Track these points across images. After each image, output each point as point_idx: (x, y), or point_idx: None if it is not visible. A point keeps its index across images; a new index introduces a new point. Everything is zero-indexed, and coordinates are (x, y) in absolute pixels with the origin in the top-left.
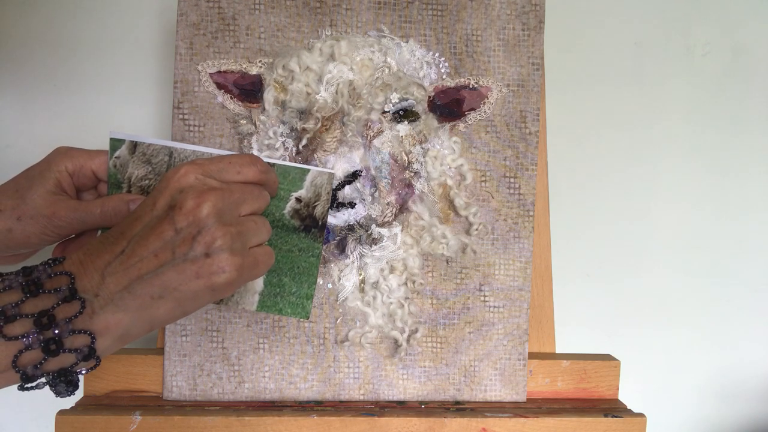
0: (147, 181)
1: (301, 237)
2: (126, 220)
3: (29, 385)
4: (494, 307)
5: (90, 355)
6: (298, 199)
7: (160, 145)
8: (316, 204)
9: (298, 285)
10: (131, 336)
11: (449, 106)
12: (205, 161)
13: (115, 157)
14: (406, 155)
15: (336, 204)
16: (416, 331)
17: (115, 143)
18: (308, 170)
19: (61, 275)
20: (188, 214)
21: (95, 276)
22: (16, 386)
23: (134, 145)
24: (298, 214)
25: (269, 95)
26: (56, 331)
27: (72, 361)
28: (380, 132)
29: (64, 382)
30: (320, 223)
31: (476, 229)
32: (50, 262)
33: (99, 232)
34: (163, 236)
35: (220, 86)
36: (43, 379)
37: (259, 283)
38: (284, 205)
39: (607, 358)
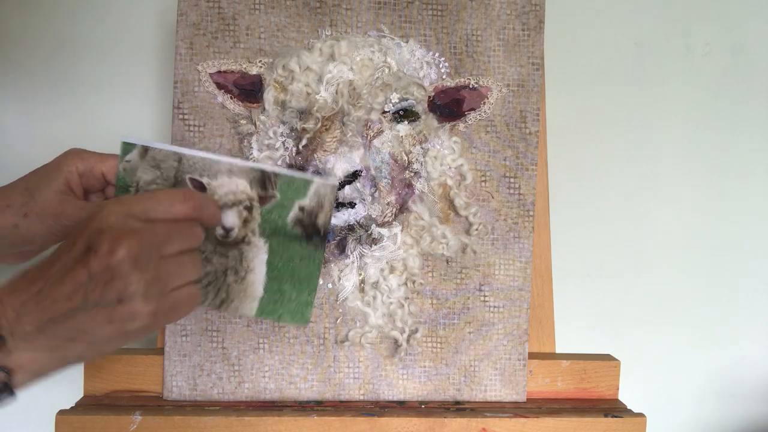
0: (155, 186)
1: (303, 245)
2: (48, 257)
3: None
4: (494, 307)
5: (4, 390)
6: (302, 208)
7: (170, 151)
8: (318, 213)
9: (298, 292)
10: (47, 372)
11: (449, 106)
12: (133, 198)
13: (125, 161)
14: (406, 155)
15: (336, 204)
16: (416, 331)
17: (127, 147)
18: (312, 181)
19: None
20: (102, 259)
21: (11, 314)
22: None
23: (145, 150)
24: (300, 222)
25: (269, 95)
26: None
27: None
28: (380, 132)
29: None
30: (322, 232)
31: (476, 229)
32: None
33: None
34: (76, 280)
35: (220, 86)
36: None
37: (258, 290)
38: (288, 213)
39: (607, 358)
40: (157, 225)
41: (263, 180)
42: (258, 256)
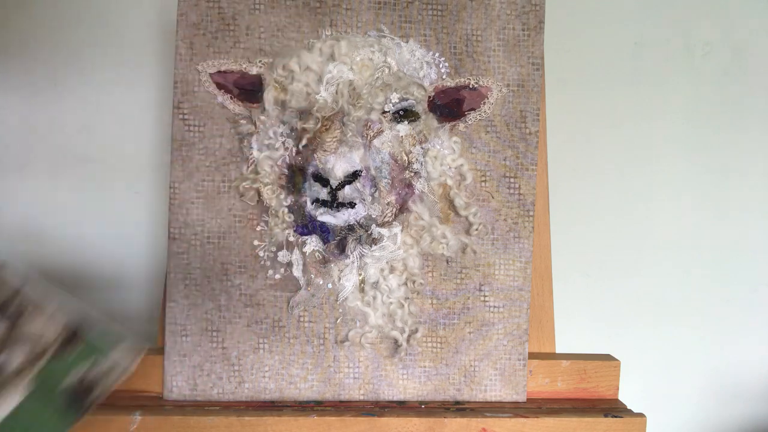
0: None
1: (57, 412)
2: None
3: None
4: (494, 307)
5: None
6: (82, 378)
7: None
8: (99, 382)
9: None
10: None
11: (449, 106)
12: None
13: None
14: (406, 155)
15: (336, 204)
16: (416, 331)
17: None
18: (124, 340)
19: None
20: None
21: None
22: None
23: None
24: (73, 388)
25: (269, 95)
26: None
27: None
28: (380, 132)
29: None
30: (89, 404)
31: (476, 229)
32: None
33: None
34: None
35: (220, 86)
36: None
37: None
38: (67, 376)
39: (607, 358)
40: None
41: (80, 326)
42: (6, 401)
